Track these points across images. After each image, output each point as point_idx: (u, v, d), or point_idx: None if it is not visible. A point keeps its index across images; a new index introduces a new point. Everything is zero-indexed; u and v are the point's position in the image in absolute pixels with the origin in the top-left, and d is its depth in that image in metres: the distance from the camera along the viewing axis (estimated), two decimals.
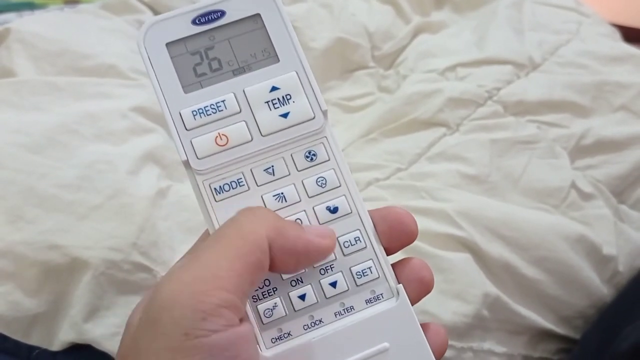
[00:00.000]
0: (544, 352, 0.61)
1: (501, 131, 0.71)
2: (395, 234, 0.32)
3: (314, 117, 0.32)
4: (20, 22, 0.71)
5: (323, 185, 0.32)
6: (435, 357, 0.31)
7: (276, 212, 0.31)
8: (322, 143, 0.32)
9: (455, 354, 0.57)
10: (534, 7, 0.89)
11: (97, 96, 0.65)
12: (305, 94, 0.32)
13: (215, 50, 0.32)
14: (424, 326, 0.32)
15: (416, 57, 0.85)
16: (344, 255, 0.32)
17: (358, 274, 0.32)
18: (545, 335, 0.61)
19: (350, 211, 0.32)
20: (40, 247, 0.51)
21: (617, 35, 0.91)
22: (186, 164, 0.31)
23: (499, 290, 0.59)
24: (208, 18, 0.32)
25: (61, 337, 0.51)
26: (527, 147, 0.70)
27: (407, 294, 0.31)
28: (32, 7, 1.07)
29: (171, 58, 0.31)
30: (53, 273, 0.51)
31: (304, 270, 0.31)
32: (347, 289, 0.31)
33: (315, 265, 0.31)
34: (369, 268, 0.32)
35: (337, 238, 0.32)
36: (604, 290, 0.62)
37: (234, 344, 0.25)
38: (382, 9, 0.91)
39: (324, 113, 0.32)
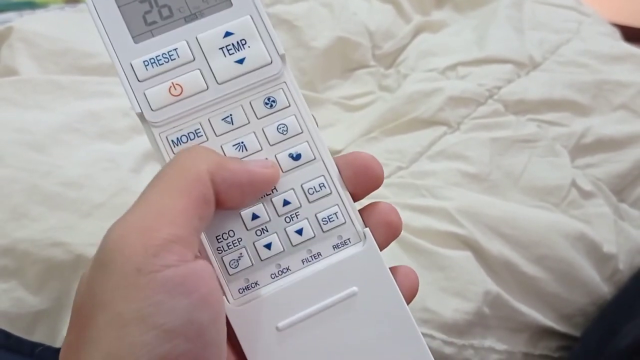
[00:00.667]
0: (544, 350, 0.61)
1: (502, 130, 0.71)
2: (361, 179, 0.31)
3: (271, 62, 0.31)
4: (23, 21, 0.71)
5: (284, 132, 0.31)
6: (406, 300, 0.31)
7: None
8: (282, 89, 0.31)
9: (456, 351, 0.57)
10: (534, 6, 0.90)
11: (99, 95, 0.65)
12: (261, 38, 0.31)
13: None
14: (393, 269, 0.31)
15: (417, 56, 0.85)
16: (309, 202, 0.31)
17: (324, 220, 0.31)
18: (546, 332, 0.61)
19: (313, 157, 0.31)
20: (44, 245, 0.51)
21: (617, 34, 0.91)
22: (141, 116, 0.30)
23: (499, 288, 0.59)
24: None
25: (64, 334, 0.51)
26: (527, 146, 0.70)
27: (375, 238, 0.31)
28: (32, 6, 1.07)
29: (119, 7, 0.30)
30: (56, 270, 0.51)
31: (261, 209, 0.31)
32: (313, 235, 0.31)
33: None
34: (335, 214, 0.31)
35: (301, 185, 0.31)
36: (604, 288, 0.62)
37: (188, 279, 0.25)
38: (383, 8, 0.91)
39: (282, 57, 0.31)
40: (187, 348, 0.24)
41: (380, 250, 0.31)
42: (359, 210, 0.32)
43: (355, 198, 0.32)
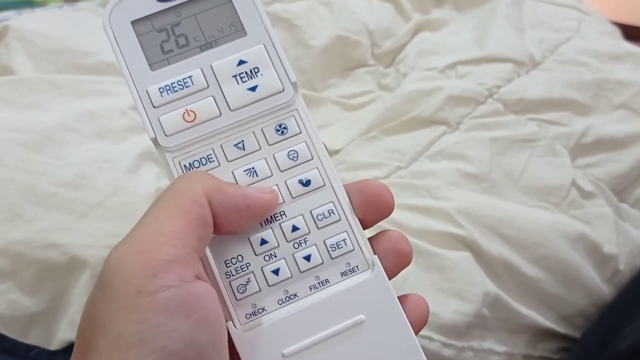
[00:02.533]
0: (544, 351, 0.61)
1: (501, 129, 0.71)
2: (372, 207, 0.31)
3: (282, 90, 0.31)
4: (19, 20, 0.71)
5: (295, 159, 0.31)
6: (414, 329, 0.31)
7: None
8: (293, 116, 0.32)
9: (456, 353, 0.57)
10: (535, 5, 0.89)
11: (96, 94, 0.65)
12: (274, 66, 0.31)
13: (181, 26, 0.31)
14: (403, 297, 0.31)
15: (416, 55, 0.84)
16: (318, 228, 0.31)
17: (332, 246, 0.31)
18: (546, 334, 0.61)
19: (323, 184, 0.32)
20: (39, 246, 0.51)
21: (617, 33, 0.91)
22: (155, 141, 0.30)
23: (499, 289, 0.59)
24: None
25: (60, 336, 0.51)
26: (527, 145, 0.69)
27: (384, 266, 0.31)
28: (32, 5, 1.06)
29: (137, 36, 0.31)
30: (52, 271, 0.51)
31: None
32: (321, 262, 0.31)
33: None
34: (344, 240, 0.31)
35: (311, 211, 0.31)
36: (604, 289, 0.62)
37: (188, 299, 0.25)
38: (382, 6, 0.90)
39: (294, 85, 0.32)
40: None
41: (390, 279, 0.31)
42: (369, 238, 0.32)
43: (365, 225, 0.32)
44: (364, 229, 0.32)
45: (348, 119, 0.79)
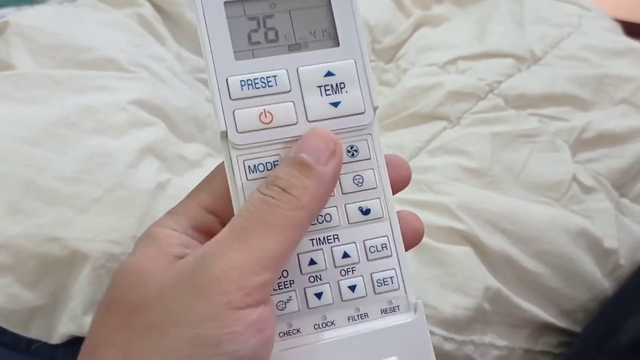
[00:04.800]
0: (545, 346, 0.61)
1: (502, 124, 0.71)
2: (392, 175, 0.32)
3: (364, 112, 0.30)
4: (19, 15, 0.70)
5: (360, 184, 0.31)
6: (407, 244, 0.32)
7: None
8: (366, 139, 0.31)
9: (457, 347, 0.57)
10: (535, 0, 0.89)
11: (96, 89, 0.64)
12: (360, 85, 0.30)
13: (274, 19, 0.30)
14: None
15: (417, 51, 0.84)
16: (368, 260, 0.31)
17: (379, 281, 0.31)
18: (547, 328, 0.61)
19: (382, 216, 0.31)
20: (40, 240, 0.51)
21: (618, 29, 0.90)
22: (223, 134, 0.30)
23: (500, 284, 0.59)
24: None
25: (61, 330, 0.51)
26: (528, 141, 0.69)
27: (403, 241, 0.31)
28: (31, 1, 1.06)
29: (227, 18, 0.30)
30: (52, 266, 0.51)
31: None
32: (365, 294, 0.31)
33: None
34: (391, 278, 0.31)
35: (364, 241, 0.31)
36: (605, 283, 0.62)
37: (262, 318, 0.27)
38: (383, 2, 0.90)
39: (375, 109, 0.31)
40: None
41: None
42: None
43: None
44: None
45: None
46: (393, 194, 0.32)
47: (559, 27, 0.84)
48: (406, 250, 0.32)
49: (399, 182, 0.32)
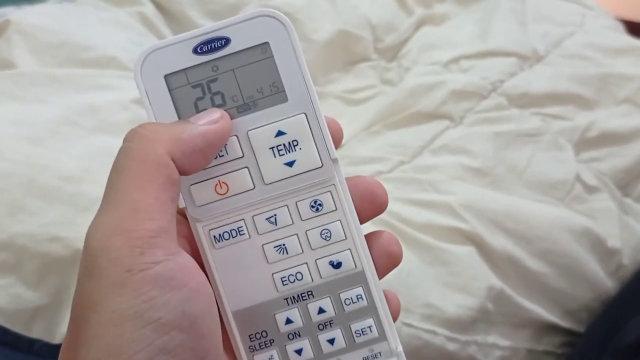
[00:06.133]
0: (548, 346, 0.61)
1: (505, 124, 0.71)
2: (366, 205, 0.31)
3: (321, 166, 0.29)
4: (20, 14, 0.70)
5: (327, 238, 0.30)
6: (380, 272, 0.31)
7: (276, 263, 0.30)
8: (330, 191, 0.30)
9: (460, 348, 0.57)
10: None
11: (97, 88, 0.64)
12: (314, 139, 0.29)
13: (219, 82, 0.29)
14: (374, 234, 0.31)
15: (419, 50, 0.84)
16: (344, 312, 0.30)
17: (357, 332, 0.30)
18: (550, 328, 0.61)
19: (354, 266, 0.30)
20: (42, 239, 0.50)
21: (620, 27, 0.90)
22: (185, 209, 0.29)
23: (503, 283, 0.59)
24: (211, 46, 0.29)
25: (63, 330, 0.51)
26: (531, 140, 0.69)
27: (376, 267, 0.30)
28: (30, 1, 1.06)
29: (170, 91, 0.29)
30: (55, 265, 0.51)
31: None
32: (344, 346, 0.30)
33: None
34: (369, 327, 0.30)
35: (339, 294, 0.30)
36: (608, 283, 0.62)
37: (177, 273, 0.25)
38: (385, 1, 0.90)
39: (334, 161, 0.29)
40: (183, 339, 0.25)
41: (380, 279, 0.31)
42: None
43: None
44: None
45: (350, 114, 0.79)
46: (370, 218, 0.31)
47: (562, 25, 0.84)
48: (382, 276, 0.31)
49: (375, 208, 0.31)
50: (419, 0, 0.92)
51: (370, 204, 0.31)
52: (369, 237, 0.31)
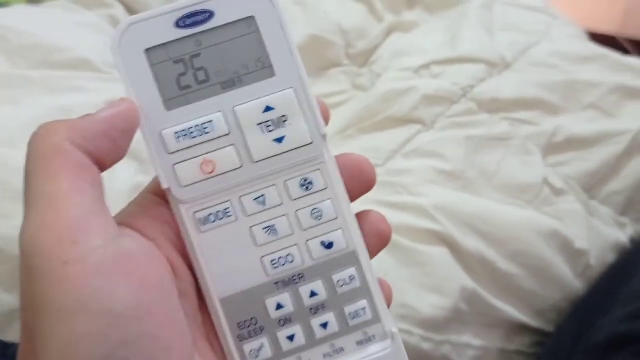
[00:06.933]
0: (519, 345, 0.62)
1: (475, 128, 0.72)
2: (355, 182, 0.30)
3: (311, 143, 0.28)
4: None
5: (318, 218, 0.29)
6: (373, 251, 0.30)
7: (265, 245, 0.29)
8: (319, 169, 0.29)
9: (434, 347, 0.57)
10: (505, 8, 0.91)
11: (70, 90, 0.64)
12: (304, 115, 0.28)
13: (202, 58, 0.28)
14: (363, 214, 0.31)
15: (390, 56, 0.85)
16: (337, 294, 0.29)
17: (351, 314, 0.29)
18: (521, 328, 0.62)
19: (346, 246, 0.29)
20: (16, 242, 0.49)
21: (584, 36, 0.93)
22: (168, 191, 0.28)
23: (475, 284, 0.60)
24: (194, 20, 0.28)
25: None
26: (501, 144, 0.71)
27: (367, 246, 0.30)
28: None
29: (151, 66, 0.27)
30: None
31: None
32: (338, 330, 0.29)
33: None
34: (363, 309, 0.29)
35: (331, 276, 0.29)
36: (576, 283, 0.63)
37: (119, 259, 0.24)
38: (355, 7, 0.91)
39: (323, 137, 0.29)
40: (142, 330, 0.24)
41: (371, 258, 0.30)
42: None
43: None
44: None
45: None
46: (359, 196, 0.30)
47: (528, 34, 0.86)
48: (373, 256, 0.30)
49: (363, 185, 0.30)
50: (388, 7, 0.93)
51: (359, 182, 0.30)
52: (358, 217, 0.30)
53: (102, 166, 0.26)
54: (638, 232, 0.70)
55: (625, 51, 1.21)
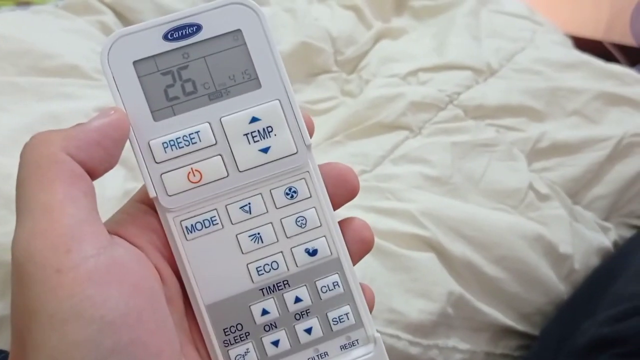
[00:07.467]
0: (505, 349, 0.63)
1: (462, 134, 0.73)
2: (339, 190, 0.31)
3: (296, 152, 0.29)
4: None
5: (302, 226, 0.30)
6: (354, 256, 0.31)
7: (251, 253, 0.30)
8: (304, 178, 0.30)
9: (422, 352, 0.58)
10: (491, 15, 0.92)
11: (60, 97, 0.64)
12: (289, 125, 0.29)
13: (189, 70, 0.29)
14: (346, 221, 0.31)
15: (378, 62, 0.86)
16: (321, 299, 0.30)
17: (334, 320, 0.30)
18: (507, 332, 0.63)
19: (330, 254, 0.30)
20: (7, 248, 0.49)
21: (569, 42, 0.94)
22: (155, 199, 0.29)
23: (462, 289, 0.61)
24: (182, 33, 0.28)
25: None
26: (486, 150, 0.72)
27: (350, 253, 0.31)
28: None
29: (139, 78, 0.28)
30: None
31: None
32: (322, 335, 0.30)
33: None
34: (346, 314, 0.30)
35: (315, 282, 0.30)
36: (561, 287, 0.64)
37: (112, 268, 0.25)
38: (344, 14, 0.92)
39: (308, 147, 0.30)
40: (133, 337, 0.24)
41: (354, 264, 0.31)
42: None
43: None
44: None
45: None
46: (343, 204, 0.31)
47: (514, 41, 0.87)
48: (356, 262, 0.31)
49: (347, 193, 0.31)
50: (377, 14, 0.94)
51: (342, 190, 0.31)
52: (341, 224, 0.31)
53: (94, 175, 0.27)
54: (621, 237, 0.71)
55: (610, 55, 1.23)
